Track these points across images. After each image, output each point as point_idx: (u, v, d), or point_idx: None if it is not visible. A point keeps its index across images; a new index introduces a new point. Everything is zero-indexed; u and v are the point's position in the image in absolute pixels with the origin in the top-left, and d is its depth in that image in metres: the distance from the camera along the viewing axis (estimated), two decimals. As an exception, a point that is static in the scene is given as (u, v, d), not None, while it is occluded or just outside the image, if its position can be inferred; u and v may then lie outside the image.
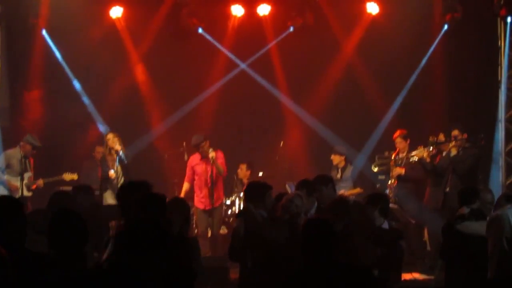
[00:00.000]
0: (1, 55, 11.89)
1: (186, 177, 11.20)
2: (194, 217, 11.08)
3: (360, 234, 6.49)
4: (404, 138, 10.97)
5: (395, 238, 6.64)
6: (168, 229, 5.12)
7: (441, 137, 10.69)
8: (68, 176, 11.07)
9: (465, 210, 6.92)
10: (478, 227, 6.52)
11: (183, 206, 6.03)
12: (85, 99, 12.67)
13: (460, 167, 10.18)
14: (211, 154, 10.70)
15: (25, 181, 10.83)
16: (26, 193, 10.82)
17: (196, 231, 11.17)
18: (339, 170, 11.69)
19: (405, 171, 10.84)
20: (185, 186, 11.16)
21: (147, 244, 4.05)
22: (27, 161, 11.01)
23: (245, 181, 12.16)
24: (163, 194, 5.55)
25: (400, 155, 11.00)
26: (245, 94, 12.93)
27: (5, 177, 10.94)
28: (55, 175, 11.19)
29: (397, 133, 11.08)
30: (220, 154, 10.98)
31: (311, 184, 7.50)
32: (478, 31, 11.97)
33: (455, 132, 10.40)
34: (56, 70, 12.46)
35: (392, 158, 11.01)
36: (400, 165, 10.91)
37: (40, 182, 11.09)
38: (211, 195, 10.76)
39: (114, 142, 10.67)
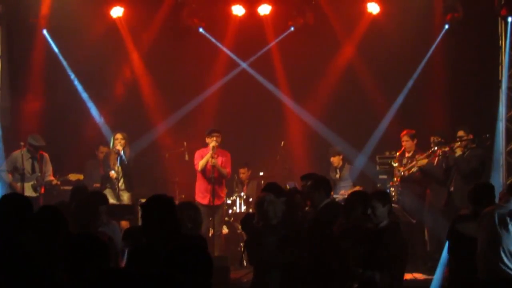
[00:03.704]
0: (2, 54, 11.89)
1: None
2: None
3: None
4: (411, 137, 10.97)
5: (383, 236, 6.58)
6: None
7: (437, 139, 10.72)
8: (74, 176, 11.07)
9: (467, 210, 6.90)
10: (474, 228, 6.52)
11: (190, 208, 6.08)
12: (86, 99, 12.69)
13: (464, 167, 10.18)
14: (212, 161, 10.73)
15: (32, 183, 10.89)
16: (32, 194, 10.82)
17: None
18: (337, 170, 11.72)
19: (408, 172, 10.85)
20: None
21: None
22: (35, 163, 11.01)
23: (246, 181, 12.22)
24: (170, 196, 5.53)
25: (406, 155, 10.99)
26: (246, 93, 12.94)
27: (11, 178, 10.96)
28: (58, 174, 11.20)
29: (404, 131, 11.08)
30: (227, 155, 11.06)
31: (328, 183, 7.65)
32: (479, 31, 11.96)
33: (461, 133, 10.44)
34: (57, 69, 12.47)
35: (396, 155, 11.01)
36: (405, 166, 10.90)
37: (54, 180, 11.08)
38: (212, 192, 10.77)
39: (120, 142, 10.70)
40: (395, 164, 10.96)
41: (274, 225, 6.87)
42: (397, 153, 11.06)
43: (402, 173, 10.85)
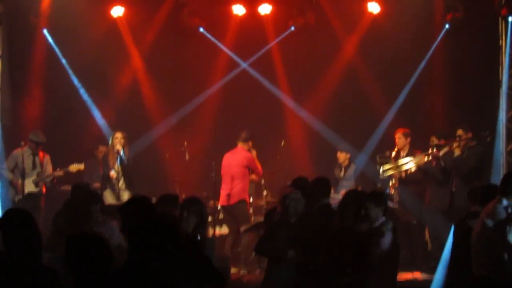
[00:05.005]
0: (2, 54, 11.89)
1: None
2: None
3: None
4: (405, 135, 10.95)
5: (372, 237, 6.58)
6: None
7: (433, 140, 10.71)
8: (75, 167, 11.06)
9: (479, 208, 6.88)
10: None
11: (198, 205, 6.05)
12: (87, 98, 12.69)
13: (463, 167, 10.15)
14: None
15: (33, 178, 10.92)
16: (33, 189, 10.92)
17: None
18: (343, 169, 11.70)
19: (406, 173, 10.82)
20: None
21: (158, 242, 4.00)
22: (35, 158, 11.04)
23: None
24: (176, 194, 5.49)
25: (402, 154, 10.97)
26: (246, 93, 12.94)
27: (12, 176, 10.97)
28: (59, 167, 11.20)
29: (398, 129, 11.07)
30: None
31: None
32: (479, 31, 11.96)
33: (459, 132, 10.41)
34: (58, 69, 12.48)
35: (392, 157, 10.99)
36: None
37: (59, 173, 11.10)
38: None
39: (119, 142, 10.69)
40: (392, 165, 10.95)
41: (291, 223, 6.96)
42: (393, 153, 11.01)
43: (401, 174, 10.83)
